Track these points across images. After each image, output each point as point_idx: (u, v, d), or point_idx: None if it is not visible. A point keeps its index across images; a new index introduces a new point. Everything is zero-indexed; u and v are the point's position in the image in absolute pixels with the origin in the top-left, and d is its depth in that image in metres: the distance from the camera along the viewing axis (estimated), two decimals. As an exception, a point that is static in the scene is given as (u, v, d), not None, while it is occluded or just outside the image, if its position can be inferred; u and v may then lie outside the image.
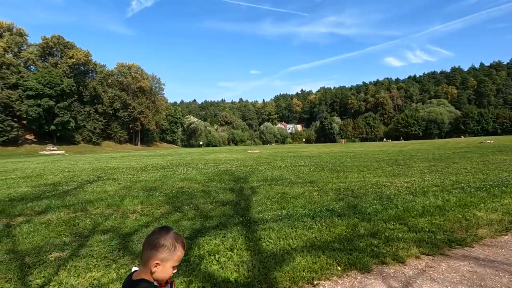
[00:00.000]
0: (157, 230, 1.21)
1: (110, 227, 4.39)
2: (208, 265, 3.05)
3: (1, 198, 6.92)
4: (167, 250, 1.14)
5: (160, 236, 1.16)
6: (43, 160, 27.72)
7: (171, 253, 1.14)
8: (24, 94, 56.61)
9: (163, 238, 1.15)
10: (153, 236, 1.17)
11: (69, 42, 68.58)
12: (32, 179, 11.02)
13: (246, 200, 6.09)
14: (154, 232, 1.21)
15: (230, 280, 2.74)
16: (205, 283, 2.68)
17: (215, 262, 3.12)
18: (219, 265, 3.04)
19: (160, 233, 1.18)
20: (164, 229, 1.20)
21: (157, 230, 1.21)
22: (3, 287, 2.66)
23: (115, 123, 76.03)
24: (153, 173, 11.63)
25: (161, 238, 1.15)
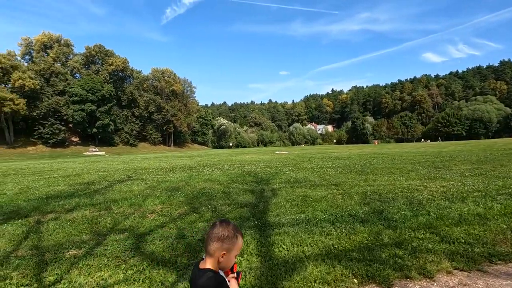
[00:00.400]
0: (218, 223, 1.30)
1: (128, 227, 4.47)
2: (214, 270, 2.93)
3: (39, 196, 7.45)
4: (230, 241, 1.25)
5: (223, 228, 1.26)
6: (84, 160, 29.83)
7: (234, 244, 1.26)
8: (70, 100, 61.55)
9: (226, 230, 1.26)
10: (216, 229, 1.27)
11: (109, 51, 73.43)
12: (70, 178, 11.81)
13: (265, 202, 5.93)
14: (216, 225, 1.30)
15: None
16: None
17: (223, 267, 2.99)
18: (226, 271, 2.91)
19: (222, 225, 1.28)
20: (225, 221, 1.31)
21: (219, 223, 1.30)
22: (19, 282, 2.77)
23: (150, 125, 79.81)
24: (179, 173, 11.89)
25: (225, 230, 1.26)
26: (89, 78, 63.95)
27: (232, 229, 1.27)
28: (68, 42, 69.09)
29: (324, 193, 6.65)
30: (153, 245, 3.61)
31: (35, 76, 56.77)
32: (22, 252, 3.50)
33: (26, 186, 9.79)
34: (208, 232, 1.30)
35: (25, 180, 11.64)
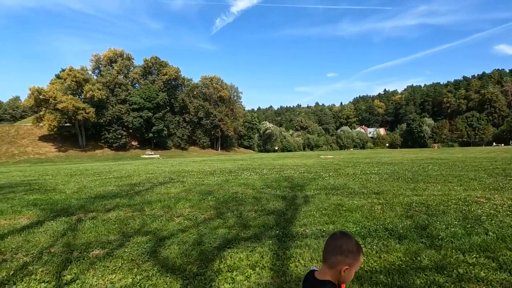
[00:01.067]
0: (340, 235, 1.28)
1: (153, 229, 4.57)
2: (220, 283, 2.77)
3: (90, 195, 8.17)
4: (353, 255, 1.22)
5: (346, 242, 1.24)
6: (140, 163, 32.46)
7: (357, 260, 1.23)
8: (130, 108, 67.92)
9: (350, 244, 1.23)
10: (339, 241, 1.25)
11: (163, 61, 79.44)
12: (121, 179, 12.84)
13: (294, 210, 5.61)
14: (337, 237, 1.27)
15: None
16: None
17: (230, 281, 2.82)
18: (232, 285, 2.73)
19: (344, 238, 1.25)
20: (346, 234, 1.29)
21: (340, 236, 1.27)
22: (41, 279, 2.95)
23: (199, 130, 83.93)
24: (218, 177, 12.10)
25: (348, 244, 1.23)
26: (146, 88, 69.90)
27: (355, 244, 1.25)
28: (129, 56, 76.58)
29: (362, 202, 6.06)
30: (169, 250, 3.60)
31: (102, 87, 64.00)
32: (55, 249, 3.78)
33: (83, 185, 10.87)
34: (329, 243, 1.27)
35: (85, 180, 12.97)
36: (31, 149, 58.25)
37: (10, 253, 3.65)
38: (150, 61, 77.17)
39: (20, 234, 4.48)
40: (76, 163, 43.26)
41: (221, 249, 3.61)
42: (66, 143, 63.05)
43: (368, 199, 6.34)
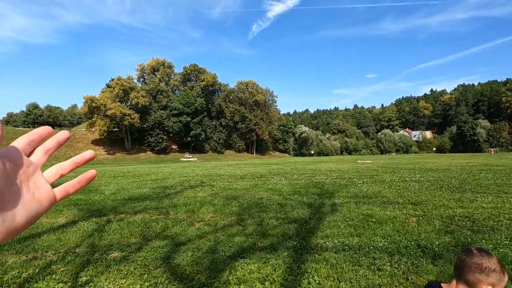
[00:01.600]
0: (477, 252, 1.19)
1: (173, 234, 4.61)
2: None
3: (124, 197, 8.62)
4: (497, 275, 1.15)
5: (486, 259, 1.16)
6: (177, 166, 33.88)
7: (501, 281, 1.15)
8: (170, 113, 71.53)
9: (491, 262, 1.16)
10: (477, 259, 1.17)
11: (201, 68, 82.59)
12: (157, 181, 13.43)
13: (318, 219, 5.30)
14: (473, 253, 1.19)
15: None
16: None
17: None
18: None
19: (483, 255, 1.17)
20: (484, 251, 1.21)
21: (477, 252, 1.19)
22: (60, 279, 3.09)
23: (235, 134, 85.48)
24: (247, 181, 12.07)
25: (490, 262, 1.16)
26: (185, 94, 73.17)
27: (497, 262, 1.16)
28: (170, 64, 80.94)
29: (395, 213, 5.54)
30: (182, 257, 3.58)
31: (145, 94, 68.35)
32: (80, 249, 3.97)
33: (122, 187, 11.55)
34: (464, 259, 1.19)
35: (124, 182, 13.80)
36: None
37: (41, 251, 3.91)
38: (189, 68, 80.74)
39: (55, 233, 4.81)
40: (122, 165, 46.57)
41: (234, 259, 3.49)
42: (114, 146, 68.32)
43: (403, 210, 5.78)
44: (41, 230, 5.03)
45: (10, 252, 3.91)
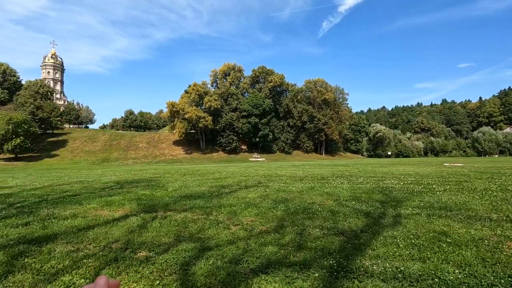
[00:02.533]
0: None
1: (205, 237, 4.42)
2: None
3: (181, 194, 9.00)
4: None
5: None
6: (244, 165, 34.87)
7: None
8: (240, 115, 74.62)
9: None
10: None
11: (269, 70, 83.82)
12: (217, 180, 13.84)
13: (372, 233, 4.40)
14: None
15: None
16: None
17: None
18: (238, 328, 2.14)
19: None
20: None
21: None
22: (84, 275, 3.15)
23: (303, 134, 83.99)
24: (305, 183, 11.37)
25: None
26: (253, 96, 75.32)
27: None
28: (240, 68, 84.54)
29: (483, 233, 4.22)
30: (201, 265, 3.30)
31: (217, 98, 72.90)
32: (116, 245, 4.09)
33: (185, 184, 12.22)
34: None
35: (190, 180, 14.66)
36: (167, 151, 72.00)
37: (85, 244, 4.17)
38: (258, 71, 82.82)
39: (107, 226, 5.16)
40: (197, 164, 50.59)
41: (255, 273, 3.04)
42: (191, 146, 74.93)
43: (497, 230, 4.37)
44: (98, 222, 5.48)
45: (62, 241, 4.29)
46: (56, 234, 4.64)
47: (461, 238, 4.00)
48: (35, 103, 65.29)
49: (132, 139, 77.17)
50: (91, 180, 15.94)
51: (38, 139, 65.75)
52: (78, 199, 8.32)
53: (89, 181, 15.35)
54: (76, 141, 71.52)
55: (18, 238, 4.48)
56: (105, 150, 68.88)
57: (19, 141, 53.83)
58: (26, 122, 55.85)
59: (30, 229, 5.01)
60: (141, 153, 69.09)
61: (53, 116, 68.73)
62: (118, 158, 64.07)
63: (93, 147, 69.46)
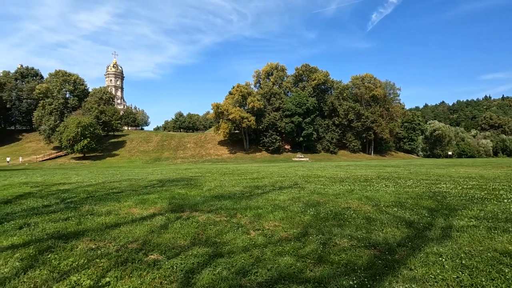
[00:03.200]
0: None
1: (221, 241, 4.18)
2: None
3: (213, 194, 8.98)
4: None
5: None
6: (286, 165, 34.33)
7: None
8: (283, 114, 73.97)
9: None
10: None
11: (313, 67, 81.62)
12: (254, 180, 13.67)
13: (412, 248, 3.72)
14: None
15: None
16: None
17: None
18: None
19: None
20: None
21: None
22: (91, 274, 3.13)
23: (349, 133, 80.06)
24: (344, 185, 10.56)
25: None
26: (296, 95, 74.06)
27: None
28: (283, 67, 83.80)
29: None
30: (206, 274, 3.06)
31: (260, 98, 73.24)
32: (133, 245, 4.08)
33: (220, 184, 12.28)
34: None
35: (227, 179, 14.75)
36: (212, 151, 74.65)
37: (105, 242, 4.25)
38: (301, 69, 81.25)
39: (132, 224, 5.26)
40: (240, 164, 51.44)
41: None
42: (235, 146, 76.57)
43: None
44: (126, 220, 5.64)
45: (87, 238, 4.44)
46: (86, 231, 4.85)
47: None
48: (99, 108, 73.00)
49: (181, 140, 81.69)
50: (139, 178, 17.02)
51: (102, 140, 73.31)
52: (119, 197, 8.81)
53: (136, 179, 16.39)
54: (133, 142, 78.13)
55: (53, 233, 4.77)
56: (157, 150, 74.03)
57: (86, 142, 60.63)
58: (92, 125, 62.66)
59: (66, 225, 5.33)
60: (189, 152, 72.73)
61: (114, 119, 76.07)
62: (169, 158, 68.30)
63: (147, 147, 75.16)
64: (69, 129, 59.39)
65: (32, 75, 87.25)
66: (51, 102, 71.48)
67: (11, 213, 6.62)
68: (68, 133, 59.06)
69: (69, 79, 76.51)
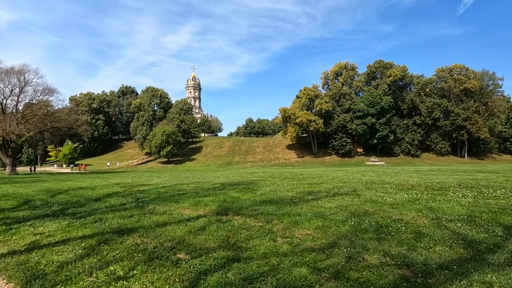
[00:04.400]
0: None
1: (245, 247, 4.27)
2: None
3: (263, 199, 9.11)
4: None
5: None
6: (354, 170, 32.20)
7: None
8: (354, 116, 69.79)
9: None
10: None
11: (388, 63, 74.84)
12: (311, 186, 13.30)
13: (456, 273, 3.11)
14: None
15: None
16: None
17: None
18: None
19: None
20: None
21: None
22: (124, 267, 3.61)
23: (435, 133, 70.37)
24: (409, 193, 9.38)
25: None
26: (369, 94, 68.96)
27: None
28: (353, 66, 79.35)
29: None
30: (214, 278, 3.18)
31: (328, 100, 70.76)
32: (168, 244, 4.51)
33: (276, 189, 12.35)
34: None
35: (285, 183, 14.73)
36: (281, 155, 75.31)
37: (149, 239, 4.80)
38: (373, 66, 75.47)
39: (177, 224, 5.79)
40: (308, 168, 50.51)
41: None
42: (303, 150, 75.58)
43: None
44: (175, 220, 6.23)
45: (137, 234, 5.09)
46: (139, 228, 5.57)
47: None
48: (180, 118, 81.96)
49: (250, 144, 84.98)
50: (205, 181, 18.42)
51: (182, 146, 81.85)
52: (180, 198, 9.74)
53: (203, 182, 17.77)
54: (208, 147, 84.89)
55: (115, 228, 5.63)
56: (229, 154, 78.67)
57: (170, 148, 68.69)
58: (174, 133, 70.69)
59: (128, 221, 6.22)
60: (258, 157, 75.02)
61: (192, 127, 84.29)
62: (239, 162, 71.77)
63: (220, 152, 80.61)
64: (156, 137, 68.24)
65: (130, 92, 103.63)
66: (143, 114, 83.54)
67: (96, 209, 8.02)
68: (155, 141, 67.91)
69: (156, 93, 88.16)
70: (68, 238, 4.99)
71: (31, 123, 35.97)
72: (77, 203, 9.40)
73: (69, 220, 6.45)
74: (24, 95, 37.17)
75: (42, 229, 5.77)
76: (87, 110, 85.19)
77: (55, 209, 8.12)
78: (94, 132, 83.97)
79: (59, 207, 8.57)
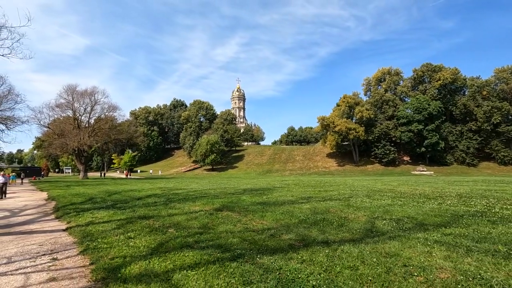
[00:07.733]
0: None
1: (211, 228, 6.34)
2: None
3: (260, 201, 11.01)
4: None
5: None
6: (391, 179, 31.58)
7: None
8: (398, 123, 66.78)
9: None
10: None
11: (436, 66, 70.27)
12: (317, 192, 14.67)
13: (326, 246, 4.77)
14: None
15: None
16: None
17: None
18: None
19: None
20: None
21: None
22: (137, 235, 5.95)
23: (495, 140, 63.54)
24: (404, 200, 10.41)
25: None
26: (415, 99, 65.53)
27: None
28: (397, 71, 76.12)
29: None
30: (178, 241, 5.33)
31: (370, 107, 68.95)
32: (169, 225, 6.80)
33: (283, 194, 14.03)
34: None
35: (299, 190, 16.24)
36: (320, 163, 75.06)
37: (158, 222, 7.16)
38: (420, 70, 71.52)
39: (181, 215, 8.08)
40: (348, 177, 50.00)
41: (179, 250, 4.75)
42: (344, 159, 74.27)
43: None
44: (183, 212, 8.56)
45: (152, 219, 7.50)
46: (155, 216, 8.01)
47: None
48: (223, 128, 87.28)
49: (290, 153, 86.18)
50: (232, 187, 20.72)
51: (226, 154, 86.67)
52: (198, 199, 12.13)
53: (230, 187, 20.10)
54: (250, 156, 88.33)
55: (139, 215, 8.16)
56: (269, 162, 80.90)
57: (213, 157, 73.66)
58: (218, 143, 75.68)
59: (151, 212, 8.73)
60: (297, 165, 75.85)
61: (235, 136, 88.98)
62: (279, 170, 73.44)
63: (261, 160, 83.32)
64: (201, 146, 73.82)
65: (180, 105, 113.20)
66: (191, 125, 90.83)
67: (135, 205, 10.80)
68: (200, 150, 73.49)
69: (202, 106, 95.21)
70: (110, 220, 7.63)
71: (99, 136, 42.89)
72: (124, 200, 12.42)
73: (114, 211, 9.23)
74: (94, 112, 44.58)
75: (97, 215, 8.58)
76: (144, 123, 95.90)
77: (108, 204, 11.14)
78: (149, 142, 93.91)
79: (111, 202, 11.61)
